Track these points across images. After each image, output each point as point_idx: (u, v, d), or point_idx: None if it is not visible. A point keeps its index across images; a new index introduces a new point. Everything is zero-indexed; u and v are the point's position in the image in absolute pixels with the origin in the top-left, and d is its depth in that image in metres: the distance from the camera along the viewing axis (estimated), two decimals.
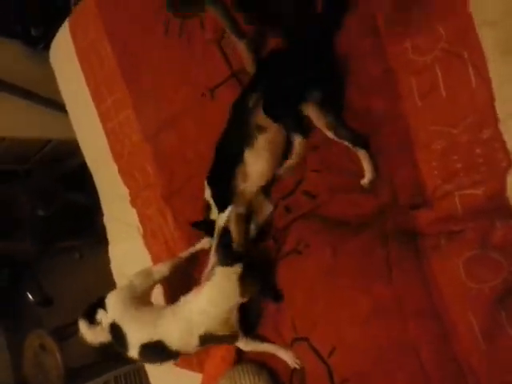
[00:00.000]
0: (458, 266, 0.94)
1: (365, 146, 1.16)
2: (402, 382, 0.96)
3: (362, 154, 1.17)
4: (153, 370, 1.67)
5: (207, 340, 1.22)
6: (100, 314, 1.34)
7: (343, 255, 1.11)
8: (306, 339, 1.12)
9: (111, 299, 1.34)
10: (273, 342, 1.23)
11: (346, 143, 1.18)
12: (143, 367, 1.76)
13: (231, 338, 1.24)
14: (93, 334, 1.35)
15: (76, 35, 1.76)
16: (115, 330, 1.29)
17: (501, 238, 0.95)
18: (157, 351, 1.26)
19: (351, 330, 1.04)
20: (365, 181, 1.17)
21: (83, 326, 1.36)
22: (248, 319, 1.26)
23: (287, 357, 1.18)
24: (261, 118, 1.21)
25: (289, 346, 1.17)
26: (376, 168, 1.17)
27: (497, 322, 0.89)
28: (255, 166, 1.26)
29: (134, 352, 1.27)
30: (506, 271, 0.92)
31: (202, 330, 1.20)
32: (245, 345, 1.25)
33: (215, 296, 1.18)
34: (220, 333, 1.21)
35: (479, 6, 1.01)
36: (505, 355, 0.87)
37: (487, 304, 0.90)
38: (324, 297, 1.11)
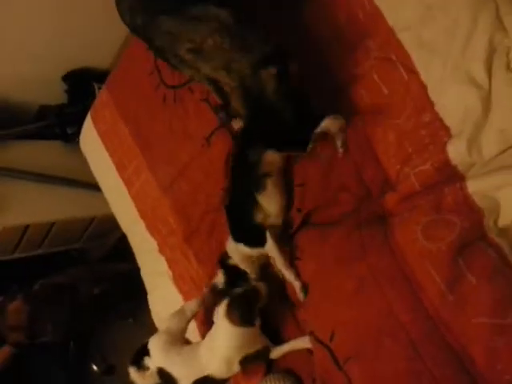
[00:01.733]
0: (416, 232, 1.06)
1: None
2: (389, 347, 1.04)
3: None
4: None
5: (247, 361, 1.33)
6: (147, 360, 1.46)
7: (328, 249, 1.25)
8: (311, 333, 1.23)
9: (153, 346, 1.46)
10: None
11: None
12: None
13: (264, 352, 1.36)
14: (143, 379, 1.46)
15: (97, 123, 2.11)
16: (164, 375, 1.42)
17: (451, 201, 1.06)
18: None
19: (343, 312, 1.15)
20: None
21: (133, 372, 1.48)
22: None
23: (306, 343, 1.27)
24: (265, 165, 1.34)
25: None
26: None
27: (457, 271, 0.98)
28: (270, 206, 1.38)
29: None
30: (459, 227, 1.02)
31: (241, 356, 1.32)
32: (275, 354, 1.36)
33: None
34: (252, 351, 1.33)
35: (395, 17, 1.21)
36: (469, 299, 0.96)
37: (446, 258, 1.00)
38: (318, 289, 1.23)
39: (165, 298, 1.88)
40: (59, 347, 2.87)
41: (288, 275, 1.34)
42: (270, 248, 1.36)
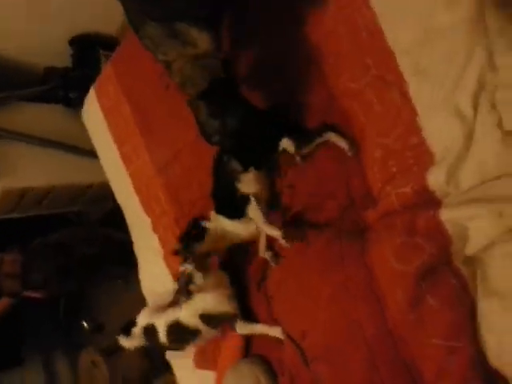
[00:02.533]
0: (389, 252, 1.13)
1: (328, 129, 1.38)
2: (351, 355, 1.14)
3: (332, 137, 1.37)
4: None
5: (207, 319, 1.45)
6: (133, 329, 1.62)
7: (311, 252, 1.33)
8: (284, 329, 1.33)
9: (141, 315, 1.63)
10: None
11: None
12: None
13: (228, 319, 1.48)
14: (130, 342, 1.62)
15: (100, 97, 2.14)
16: (149, 332, 1.56)
17: (423, 226, 1.13)
18: (178, 331, 1.50)
19: (317, 315, 1.24)
20: (348, 152, 1.35)
21: (122, 339, 1.64)
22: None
23: (277, 332, 1.38)
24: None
25: None
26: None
27: (419, 294, 1.06)
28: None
29: (163, 338, 1.52)
30: (427, 253, 1.10)
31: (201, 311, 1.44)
32: (241, 328, 1.48)
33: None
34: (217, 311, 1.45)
35: (395, 38, 1.24)
36: (427, 320, 1.05)
37: (411, 281, 1.08)
38: (297, 288, 1.33)
39: (155, 275, 1.98)
40: (52, 305, 3.01)
41: (269, 231, 1.42)
42: (252, 208, 1.42)
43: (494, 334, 1.02)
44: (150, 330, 1.56)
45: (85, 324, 3.05)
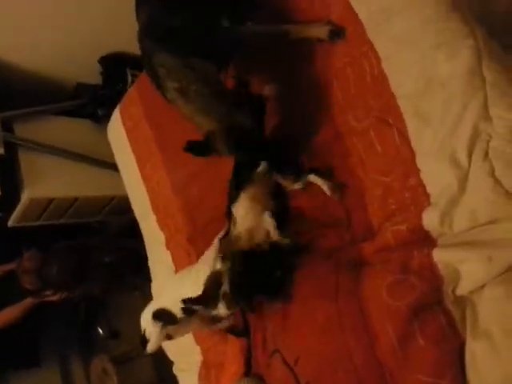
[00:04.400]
0: (382, 287, 1.19)
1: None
2: (341, 382, 1.20)
3: (312, 179, 1.45)
4: None
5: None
6: None
7: (309, 281, 1.39)
8: (277, 351, 1.39)
9: None
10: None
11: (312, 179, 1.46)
12: None
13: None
14: None
15: (124, 117, 2.26)
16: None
17: (417, 264, 1.18)
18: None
19: (311, 342, 1.30)
20: (331, 195, 1.43)
21: None
22: None
23: None
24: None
25: (269, 356, 1.45)
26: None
27: (409, 331, 1.11)
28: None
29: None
30: (419, 291, 1.15)
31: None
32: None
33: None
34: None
35: (398, 83, 1.30)
36: (415, 357, 1.09)
37: (402, 317, 1.13)
38: (293, 315, 1.38)
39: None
40: (70, 308, 3.14)
41: None
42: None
43: (480, 374, 1.06)
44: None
45: (100, 330, 3.16)
